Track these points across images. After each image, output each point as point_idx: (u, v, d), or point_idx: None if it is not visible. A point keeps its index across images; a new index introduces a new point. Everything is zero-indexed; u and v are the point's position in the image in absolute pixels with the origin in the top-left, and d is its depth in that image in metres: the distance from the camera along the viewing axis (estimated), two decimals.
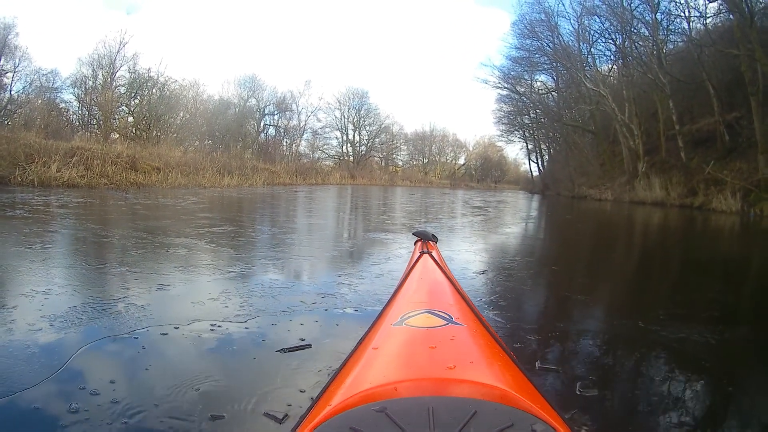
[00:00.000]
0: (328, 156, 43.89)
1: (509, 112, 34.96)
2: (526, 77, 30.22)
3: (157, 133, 23.47)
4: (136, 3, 54.34)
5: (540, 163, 37.97)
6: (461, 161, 54.08)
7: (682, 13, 18.28)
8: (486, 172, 52.65)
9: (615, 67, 24.47)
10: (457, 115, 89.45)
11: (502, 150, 51.85)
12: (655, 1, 18.58)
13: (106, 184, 12.25)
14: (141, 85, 24.84)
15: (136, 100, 24.85)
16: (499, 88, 31.30)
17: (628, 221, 11.03)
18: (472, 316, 1.02)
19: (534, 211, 14.51)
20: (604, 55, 24.94)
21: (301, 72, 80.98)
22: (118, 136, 21.65)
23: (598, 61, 24.91)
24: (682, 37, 18.99)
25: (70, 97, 25.30)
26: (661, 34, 19.16)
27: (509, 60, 29.37)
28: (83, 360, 1.61)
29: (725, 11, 16.24)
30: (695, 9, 18.08)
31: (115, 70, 24.88)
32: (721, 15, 17.05)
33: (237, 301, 2.41)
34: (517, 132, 37.70)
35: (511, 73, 29.80)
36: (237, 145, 30.01)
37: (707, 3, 17.54)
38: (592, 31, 23.54)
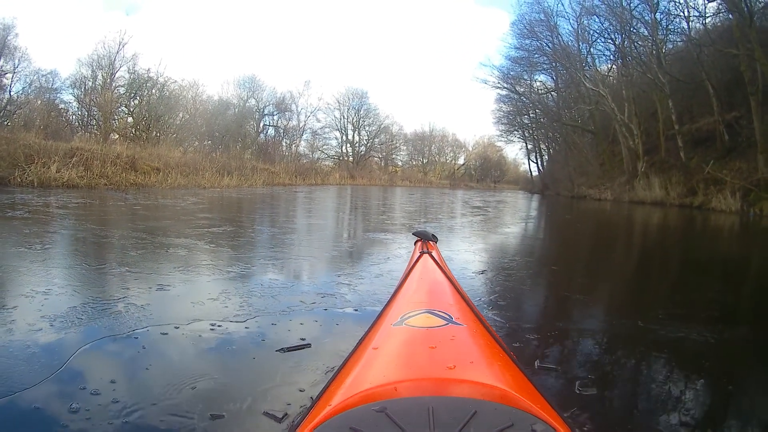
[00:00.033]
0: (328, 156, 43.92)
1: (509, 112, 35.03)
2: (526, 77, 30.29)
3: (157, 134, 23.44)
4: (135, 3, 54.43)
5: (539, 163, 38.06)
6: (461, 161, 54.15)
7: (682, 13, 18.32)
8: (485, 172, 52.59)
9: (614, 66, 24.48)
10: (456, 115, 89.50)
11: (502, 150, 51.98)
12: (655, 0, 18.59)
13: (105, 185, 12.25)
14: (140, 85, 24.80)
15: (136, 101, 24.82)
16: (499, 88, 31.40)
17: (627, 221, 11.03)
18: (472, 316, 1.02)
19: (533, 211, 14.51)
20: (604, 54, 24.97)
21: (300, 72, 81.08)
22: (118, 136, 21.64)
23: (598, 61, 24.98)
24: (681, 37, 19.03)
25: (70, 97, 25.34)
26: (661, 33, 19.16)
27: (509, 60, 29.46)
28: (83, 360, 1.61)
29: (724, 11, 16.27)
30: (694, 9, 18.12)
31: (115, 71, 24.86)
32: (721, 15, 17.10)
33: (237, 300, 2.41)
34: (516, 132, 37.79)
35: (511, 73, 29.88)
36: (236, 146, 29.96)
37: (706, 3, 17.58)
38: (592, 31, 23.60)
